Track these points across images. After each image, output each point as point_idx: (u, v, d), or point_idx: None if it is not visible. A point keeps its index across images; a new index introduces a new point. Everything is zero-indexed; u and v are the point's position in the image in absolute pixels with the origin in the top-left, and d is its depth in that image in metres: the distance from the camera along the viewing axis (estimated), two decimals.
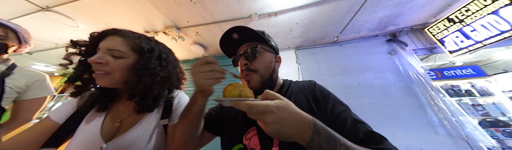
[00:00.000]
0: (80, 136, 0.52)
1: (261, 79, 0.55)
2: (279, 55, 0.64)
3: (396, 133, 1.66)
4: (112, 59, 0.53)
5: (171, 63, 0.66)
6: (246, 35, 0.56)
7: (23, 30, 0.93)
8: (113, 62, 0.53)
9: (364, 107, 1.89)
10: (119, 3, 1.60)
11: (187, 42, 2.37)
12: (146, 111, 0.59)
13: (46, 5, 1.61)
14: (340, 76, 2.19)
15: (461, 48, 1.72)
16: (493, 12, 1.44)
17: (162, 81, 0.60)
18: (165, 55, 0.65)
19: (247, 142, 0.48)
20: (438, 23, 1.87)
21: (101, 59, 0.51)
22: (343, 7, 1.69)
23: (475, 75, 2.80)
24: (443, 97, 1.67)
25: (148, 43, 0.61)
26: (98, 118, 0.56)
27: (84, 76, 0.59)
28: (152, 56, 0.59)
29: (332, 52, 2.40)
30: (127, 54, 0.55)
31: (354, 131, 0.42)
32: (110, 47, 0.53)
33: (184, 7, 1.66)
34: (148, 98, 0.58)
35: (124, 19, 1.84)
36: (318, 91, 0.52)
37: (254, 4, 1.62)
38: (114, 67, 0.53)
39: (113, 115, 0.59)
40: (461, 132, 1.50)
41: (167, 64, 0.64)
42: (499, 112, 2.37)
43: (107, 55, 0.53)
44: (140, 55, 0.58)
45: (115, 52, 0.53)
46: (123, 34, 0.57)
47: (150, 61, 0.57)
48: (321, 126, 0.32)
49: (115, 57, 0.53)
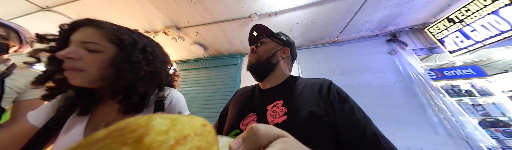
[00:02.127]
0: (62, 141, 0.45)
1: (257, 57, 0.64)
2: (288, 48, 0.67)
3: (396, 133, 1.66)
4: (86, 53, 0.44)
5: (158, 58, 0.57)
6: (260, 31, 0.70)
7: (25, 30, 0.93)
8: (88, 57, 0.44)
9: (364, 107, 1.85)
10: (119, 3, 1.60)
11: (187, 42, 2.37)
12: (133, 111, 0.52)
13: (46, 5, 1.61)
14: (340, 76, 2.19)
15: (461, 48, 1.72)
16: (493, 12, 1.44)
17: (148, 77, 0.53)
18: (151, 48, 0.56)
19: (244, 127, 0.48)
20: (438, 23, 1.87)
21: (73, 53, 0.42)
22: (343, 7, 1.69)
23: (475, 74, 2.80)
24: (443, 97, 1.67)
25: (129, 36, 0.52)
26: (79, 124, 0.49)
27: (57, 75, 0.49)
28: (135, 49, 0.51)
29: (332, 52, 2.40)
30: (104, 48, 0.46)
31: (376, 142, 0.37)
32: (83, 40, 0.45)
33: (184, 7, 1.66)
34: (133, 96, 0.50)
35: (124, 19, 1.84)
36: (334, 91, 0.48)
37: (254, 4, 1.62)
38: (89, 63, 0.44)
39: (96, 119, 0.52)
40: (461, 132, 1.50)
41: (153, 59, 0.55)
42: (499, 112, 2.37)
43: (80, 49, 0.44)
44: (121, 48, 0.49)
45: (90, 45, 0.45)
46: (99, 25, 0.48)
47: (132, 54, 0.49)
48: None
49: (91, 51, 0.45)
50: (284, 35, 0.72)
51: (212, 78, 2.64)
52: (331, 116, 0.42)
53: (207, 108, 2.32)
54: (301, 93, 0.50)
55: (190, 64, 2.92)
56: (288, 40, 0.70)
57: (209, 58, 2.84)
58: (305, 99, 0.47)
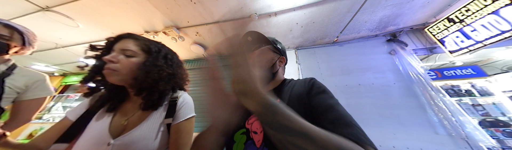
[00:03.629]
0: (89, 133, 0.56)
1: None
2: (284, 57, 0.72)
3: (396, 133, 1.66)
4: (124, 58, 0.60)
5: (175, 63, 0.73)
6: (257, 38, 0.67)
7: (30, 32, 0.94)
8: (124, 61, 0.59)
9: (364, 107, 1.89)
10: (119, 3, 1.60)
11: (187, 42, 2.37)
12: (151, 108, 0.63)
13: (46, 5, 1.61)
14: (340, 75, 2.19)
15: (461, 48, 1.72)
16: (493, 12, 1.44)
17: (168, 78, 0.67)
18: (171, 56, 0.73)
19: (249, 126, 0.51)
20: (438, 23, 1.87)
21: (114, 58, 0.58)
22: (343, 7, 1.69)
23: (475, 75, 2.80)
24: (443, 97, 1.67)
25: (156, 45, 0.69)
26: (107, 117, 0.61)
27: (97, 77, 0.65)
28: (159, 55, 0.67)
29: (332, 52, 2.40)
30: (137, 54, 0.62)
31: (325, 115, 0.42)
32: (123, 48, 0.61)
33: (184, 7, 1.66)
34: (154, 93, 0.63)
35: (124, 19, 1.84)
36: (312, 83, 0.57)
37: (254, 4, 1.62)
38: (124, 65, 0.59)
39: (120, 114, 0.64)
40: (461, 132, 1.50)
41: (172, 64, 0.71)
42: (499, 112, 2.37)
43: (120, 55, 0.60)
44: (149, 55, 0.65)
45: (127, 51, 0.61)
46: (135, 37, 0.66)
47: (157, 59, 0.65)
48: (269, 104, 0.29)
49: (127, 56, 0.60)
50: (279, 43, 0.73)
51: None
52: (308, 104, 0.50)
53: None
54: (292, 91, 0.57)
55: (190, 64, 2.92)
56: (283, 48, 0.74)
57: None
58: (296, 95, 0.55)
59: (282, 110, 0.29)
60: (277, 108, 0.29)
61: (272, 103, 0.30)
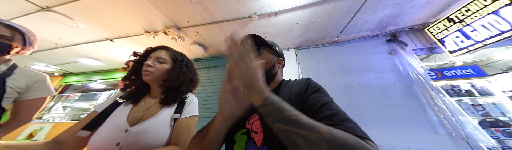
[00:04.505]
0: (111, 121, 0.67)
1: None
2: (282, 59, 0.75)
3: (396, 133, 1.66)
4: (157, 64, 0.79)
5: (193, 70, 0.92)
6: (257, 41, 0.71)
7: (31, 32, 0.95)
8: (158, 66, 0.78)
9: (364, 107, 1.89)
10: (119, 3, 1.60)
11: (187, 42, 2.37)
12: (168, 103, 0.76)
13: (46, 5, 1.61)
14: (340, 76, 2.19)
15: (461, 48, 1.72)
16: (493, 12, 1.44)
17: (188, 81, 0.85)
18: (190, 64, 0.91)
19: (249, 126, 0.52)
20: (438, 23, 1.87)
21: (151, 63, 0.77)
22: (343, 7, 1.69)
23: (475, 75, 2.80)
24: (443, 97, 1.67)
25: (180, 56, 0.88)
26: (127, 108, 0.73)
27: (132, 76, 0.83)
28: (183, 64, 0.85)
29: (332, 52, 2.40)
30: (167, 61, 0.81)
31: (318, 111, 0.44)
32: (158, 56, 0.80)
33: (184, 7, 1.66)
34: (177, 92, 0.80)
35: (124, 19, 1.84)
36: (308, 83, 0.60)
37: (254, 4, 1.62)
38: (157, 69, 0.77)
39: (139, 106, 0.76)
40: (461, 132, 1.50)
41: (191, 71, 0.89)
42: (499, 112, 2.37)
43: (155, 61, 0.79)
44: (175, 63, 0.83)
45: (161, 59, 0.80)
46: (168, 49, 0.86)
47: (182, 66, 0.84)
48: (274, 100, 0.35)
49: (160, 63, 0.79)
50: (277, 46, 0.77)
51: (212, 78, 2.64)
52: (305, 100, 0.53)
53: (207, 108, 2.32)
54: (291, 92, 0.61)
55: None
56: (281, 51, 0.78)
57: (209, 58, 2.85)
58: (293, 94, 0.59)
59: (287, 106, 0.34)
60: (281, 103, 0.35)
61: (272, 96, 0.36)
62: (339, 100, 1.99)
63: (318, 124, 0.31)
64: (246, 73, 0.38)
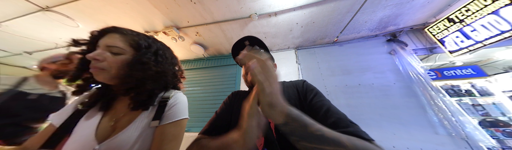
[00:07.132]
0: (76, 136, 0.52)
1: None
2: (275, 63, 0.78)
3: (396, 133, 1.66)
4: (110, 56, 0.54)
5: (167, 59, 0.66)
6: (255, 43, 0.71)
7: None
8: (111, 59, 0.53)
9: (364, 107, 1.89)
10: (119, 3, 1.60)
11: (187, 42, 2.37)
12: (141, 108, 0.58)
13: (46, 5, 1.61)
14: (340, 75, 2.19)
15: (461, 48, 1.72)
16: (493, 12, 1.44)
17: (156, 76, 0.60)
18: (162, 51, 0.65)
19: None
20: (438, 23, 1.87)
21: (99, 56, 0.52)
22: (343, 7, 1.69)
23: (475, 75, 2.79)
24: (443, 97, 1.67)
25: (146, 40, 0.61)
26: (96, 116, 0.57)
27: (85, 74, 0.59)
28: (148, 51, 0.60)
29: (332, 52, 2.40)
30: (125, 51, 0.56)
31: (324, 117, 0.46)
32: (108, 44, 0.54)
33: (184, 7, 1.66)
34: (143, 93, 0.57)
35: (124, 19, 1.84)
36: (305, 86, 0.62)
37: (254, 4, 1.62)
38: (111, 64, 0.53)
39: (111, 114, 0.59)
40: (461, 132, 1.50)
41: (163, 60, 0.63)
42: (499, 112, 2.37)
43: (106, 52, 0.53)
44: (137, 51, 0.58)
45: (114, 48, 0.54)
46: (122, 32, 0.58)
47: (144, 56, 0.58)
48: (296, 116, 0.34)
49: (114, 54, 0.54)
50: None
51: (212, 78, 2.64)
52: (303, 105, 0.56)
53: (207, 108, 2.32)
54: (287, 92, 0.62)
55: (190, 64, 2.92)
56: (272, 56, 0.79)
57: (209, 58, 2.84)
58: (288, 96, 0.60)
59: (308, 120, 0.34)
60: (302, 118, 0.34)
61: (293, 112, 0.34)
62: (339, 100, 1.98)
63: (339, 136, 0.33)
64: (270, 93, 0.33)
